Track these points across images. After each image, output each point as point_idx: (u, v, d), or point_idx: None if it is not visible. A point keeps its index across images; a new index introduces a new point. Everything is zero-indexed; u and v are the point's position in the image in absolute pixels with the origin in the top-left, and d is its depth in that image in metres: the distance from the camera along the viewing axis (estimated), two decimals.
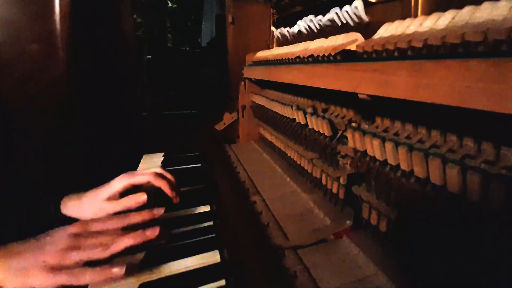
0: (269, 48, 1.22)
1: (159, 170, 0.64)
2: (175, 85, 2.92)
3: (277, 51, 0.91)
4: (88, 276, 0.42)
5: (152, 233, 0.47)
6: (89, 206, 0.57)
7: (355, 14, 0.66)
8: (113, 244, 0.45)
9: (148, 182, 0.60)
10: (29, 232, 0.45)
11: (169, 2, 4.28)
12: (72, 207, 0.57)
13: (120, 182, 0.58)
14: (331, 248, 0.55)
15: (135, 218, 0.50)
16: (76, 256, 0.43)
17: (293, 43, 0.82)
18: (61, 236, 0.45)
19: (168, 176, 0.64)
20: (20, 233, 0.45)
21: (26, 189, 0.65)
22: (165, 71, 2.90)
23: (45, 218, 0.56)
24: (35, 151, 0.86)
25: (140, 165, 0.99)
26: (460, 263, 0.38)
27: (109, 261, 0.45)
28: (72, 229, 0.46)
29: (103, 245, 0.45)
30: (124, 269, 0.44)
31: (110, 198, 0.57)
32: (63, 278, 0.41)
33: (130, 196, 0.57)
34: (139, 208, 0.56)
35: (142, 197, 0.57)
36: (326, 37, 0.65)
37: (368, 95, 0.43)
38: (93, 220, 0.49)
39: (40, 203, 0.57)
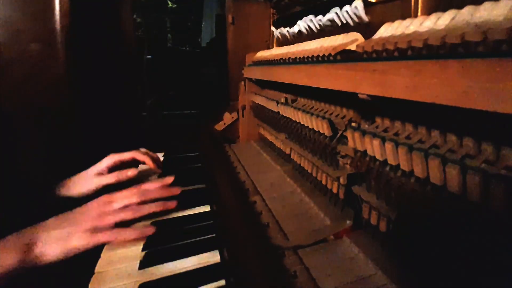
0: (269, 48, 1.22)
1: (143, 150, 0.73)
2: (175, 85, 2.92)
3: (277, 51, 0.91)
4: (128, 232, 0.50)
5: (172, 204, 0.57)
6: (79, 183, 0.63)
7: (355, 14, 0.66)
8: (141, 208, 0.53)
9: (133, 157, 0.68)
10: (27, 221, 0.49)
11: (169, 2, 4.28)
12: (66, 188, 0.63)
13: (107, 160, 0.66)
14: (331, 248, 0.55)
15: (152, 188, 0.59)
16: (111, 219, 0.50)
17: (293, 43, 0.82)
18: (93, 206, 0.52)
19: (151, 153, 0.73)
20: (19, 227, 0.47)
21: (26, 189, 0.65)
22: (165, 71, 2.89)
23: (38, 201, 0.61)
24: (35, 151, 0.86)
25: (140, 164, 0.98)
26: (460, 263, 0.38)
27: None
28: (102, 199, 0.53)
29: (131, 209, 0.53)
30: (154, 229, 0.53)
31: (100, 173, 0.64)
32: (104, 237, 0.48)
33: (123, 170, 0.64)
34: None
35: (133, 171, 0.65)
36: (326, 37, 0.65)
37: (368, 95, 0.43)
38: (117, 193, 0.56)
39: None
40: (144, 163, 0.70)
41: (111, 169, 0.65)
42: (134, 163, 0.69)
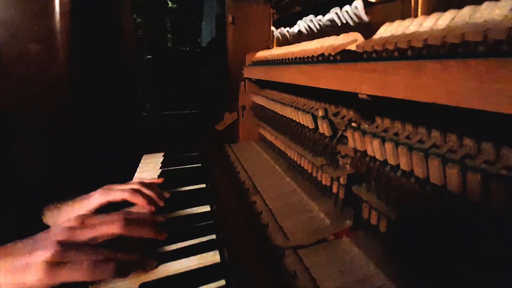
0: (269, 48, 1.22)
1: (137, 186, 0.63)
2: (175, 85, 2.92)
3: (277, 51, 0.91)
4: (100, 271, 0.40)
5: (151, 263, 0.48)
6: (65, 218, 0.56)
7: (355, 14, 0.66)
8: (115, 255, 0.44)
9: (123, 200, 0.60)
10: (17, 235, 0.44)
11: (169, 2, 4.27)
12: (50, 217, 0.58)
13: (97, 199, 0.59)
14: (331, 248, 0.55)
15: (136, 216, 0.51)
16: (74, 256, 0.40)
17: (293, 43, 0.82)
18: (57, 230, 0.43)
19: (147, 191, 0.63)
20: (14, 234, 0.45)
21: (25, 189, 0.65)
22: (165, 71, 2.89)
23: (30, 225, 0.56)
24: (35, 152, 0.86)
25: (140, 165, 0.99)
26: (460, 263, 0.38)
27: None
28: (68, 223, 0.45)
29: (101, 253, 0.43)
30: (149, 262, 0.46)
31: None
32: (65, 275, 0.39)
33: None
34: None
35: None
36: (326, 37, 0.65)
37: (368, 95, 0.43)
38: (91, 215, 0.48)
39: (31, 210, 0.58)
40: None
41: (99, 209, 0.59)
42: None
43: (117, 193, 0.60)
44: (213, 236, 0.57)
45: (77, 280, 0.40)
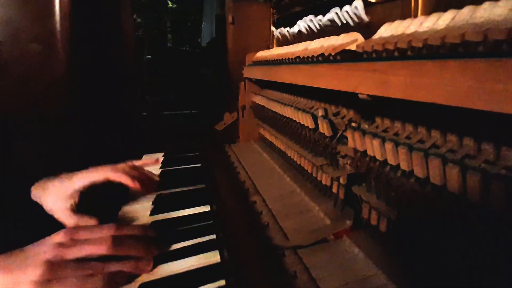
0: (269, 48, 1.22)
1: (123, 166, 0.63)
2: (175, 85, 2.92)
3: (277, 51, 0.91)
4: (88, 286, 0.41)
5: (145, 267, 0.48)
6: (50, 197, 0.57)
7: (355, 14, 0.66)
8: (105, 266, 0.44)
9: (107, 179, 0.60)
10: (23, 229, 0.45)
11: (169, 2, 4.28)
12: (37, 195, 0.58)
13: (80, 181, 0.58)
14: (331, 248, 0.55)
15: (126, 231, 0.50)
16: (63, 273, 0.41)
17: (293, 43, 0.82)
18: (45, 247, 0.43)
19: (133, 172, 0.63)
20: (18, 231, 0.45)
21: (25, 189, 0.65)
22: (165, 71, 2.89)
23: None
24: (35, 151, 0.86)
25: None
26: (460, 263, 0.38)
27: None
28: (57, 238, 0.45)
29: (91, 267, 0.43)
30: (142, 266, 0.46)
31: (70, 197, 0.58)
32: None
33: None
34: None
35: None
36: (326, 37, 0.65)
37: (368, 95, 0.43)
38: (79, 228, 0.48)
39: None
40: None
41: (83, 192, 0.58)
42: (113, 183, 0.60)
43: (99, 173, 0.59)
44: (213, 236, 0.57)
45: None
